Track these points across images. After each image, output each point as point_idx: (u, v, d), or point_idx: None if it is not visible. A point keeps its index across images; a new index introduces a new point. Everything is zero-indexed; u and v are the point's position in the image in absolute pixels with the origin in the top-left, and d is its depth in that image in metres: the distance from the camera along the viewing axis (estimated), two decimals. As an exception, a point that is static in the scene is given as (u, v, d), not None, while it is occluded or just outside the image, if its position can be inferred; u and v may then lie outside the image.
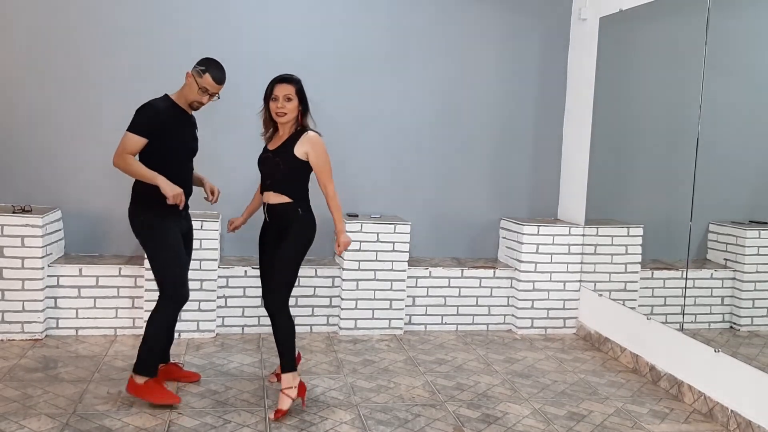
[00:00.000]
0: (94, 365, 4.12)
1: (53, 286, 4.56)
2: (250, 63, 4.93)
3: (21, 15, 4.78)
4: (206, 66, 3.51)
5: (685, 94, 4.15)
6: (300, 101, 3.54)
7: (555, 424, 3.58)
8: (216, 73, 3.51)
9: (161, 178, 3.41)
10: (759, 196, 4.05)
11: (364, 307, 4.95)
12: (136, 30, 4.88)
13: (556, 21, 5.47)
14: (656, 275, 4.47)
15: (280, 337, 3.54)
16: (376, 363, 4.39)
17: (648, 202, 4.76)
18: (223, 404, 3.64)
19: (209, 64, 3.52)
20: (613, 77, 4.97)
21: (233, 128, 4.98)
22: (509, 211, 5.52)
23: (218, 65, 3.54)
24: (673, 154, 4.39)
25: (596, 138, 5.09)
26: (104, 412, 3.47)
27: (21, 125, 4.83)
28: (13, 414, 3.40)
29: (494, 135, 5.47)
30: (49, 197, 4.86)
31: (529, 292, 5.15)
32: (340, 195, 5.18)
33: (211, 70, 3.50)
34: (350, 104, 5.18)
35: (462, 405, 3.77)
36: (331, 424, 3.46)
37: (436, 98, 5.35)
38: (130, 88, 4.76)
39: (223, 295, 4.79)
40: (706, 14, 3.90)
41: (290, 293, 3.62)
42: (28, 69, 4.81)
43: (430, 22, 5.29)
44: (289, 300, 3.60)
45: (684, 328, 4.06)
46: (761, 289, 4.04)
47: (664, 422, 3.67)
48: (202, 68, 3.50)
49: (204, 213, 4.81)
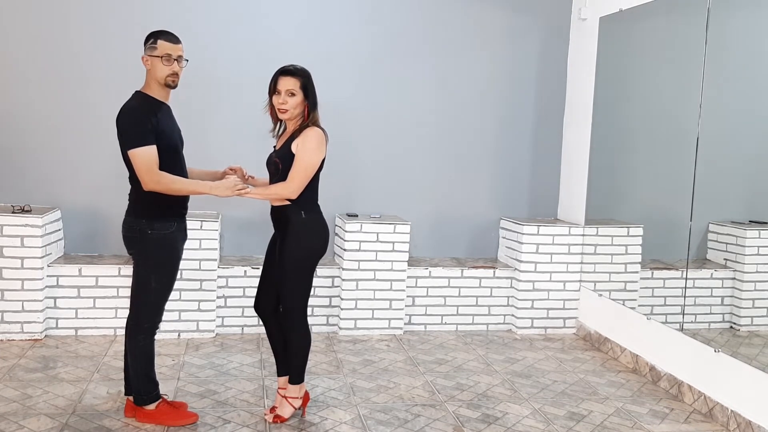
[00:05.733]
0: (93, 365, 4.12)
1: (53, 286, 4.56)
2: (251, 62, 4.94)
3: (21, 15, 4.78)
4: (154, 37, 3.25)
5: (685, 94, 4.15)
6: (306, 96, 3.26)
7: (555, 424, 3.58)
8: (166, 35, 3.25)
9: (204, 185, 3.24)
10: (759, 196, 4.05)
11: (364, 307, 4.95)
12: (137, 29, 4.86)
13: (556, 21, 5.47)
14: (656, 275, 4.47)
15: (294, 350, 3.39)
16: (375, 363, 4.39)
17: (648, 202, 4.75)
18: (223, 404, 3.64)
19: (154, 33, 3.26)
20: (613, 77, 4.97)
21: (235, 128, 4.99)
22: (509, 211, 5.52)
23: (163, 30, 3.28)
24: (673, 154, 4.39)
25: (596, 138, 5.09)
26: (104, 412, 3.46)
27: (21, 125, 4.83)
28: (13, 414, 3.39)
29: (494, 135, 5.47)
30: (49, 197, 4.86)
31: (529, 292, 5.15)
32: (340, 195, 5.20)
33: (160, 36, 3.24)
34: (350, 104, 5.17)
35: (462, 405, 3.77)
36: (331, 424, 3.46)
37: (435, 98, 5.35)
38: (131, 88, 4.73)
39: (222, 295, 4.79)
40: (706, 14, 3.90)
41: (303, 304, 3.36)
42: (27, 69, 4.81)
43: (430, 21, 5.29)
44: (303, 311, 3.37)
45: (684, 328, 4.06)
46: (761, 289, 4.04)
47: (664, 422, 3.67)
48: (151, 41, 3.24)
49: (204, 213, 4.81)
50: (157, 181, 3.16)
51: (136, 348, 3.32)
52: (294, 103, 3.25)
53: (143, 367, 3.34)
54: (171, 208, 3.30)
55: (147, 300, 3.32)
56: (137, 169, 3.17)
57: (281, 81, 3.26)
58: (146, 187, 3.17)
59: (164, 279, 3.33)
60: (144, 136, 3.15)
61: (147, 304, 3.32)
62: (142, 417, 3.37)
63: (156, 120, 3.21)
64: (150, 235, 3.25)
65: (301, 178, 3.24)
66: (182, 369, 4.12)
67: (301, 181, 3.24)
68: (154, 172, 3.15)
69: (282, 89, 3.24)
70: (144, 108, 3.21)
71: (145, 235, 3.25)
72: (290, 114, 3.27)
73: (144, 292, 3.30)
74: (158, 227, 3.26)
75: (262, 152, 3.52)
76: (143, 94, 3.29)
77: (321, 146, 3.28)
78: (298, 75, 3.26)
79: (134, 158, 3.16)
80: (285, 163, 3.26)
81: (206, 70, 4.77)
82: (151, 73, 3.26)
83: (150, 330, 3.34)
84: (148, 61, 3.25)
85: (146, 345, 3.34)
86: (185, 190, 3.28)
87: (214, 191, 3.24)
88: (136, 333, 3.31)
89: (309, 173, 3.26)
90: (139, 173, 3.16)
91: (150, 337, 3.35)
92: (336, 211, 5.15)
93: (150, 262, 3.30)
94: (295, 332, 3.37)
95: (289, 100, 3.24)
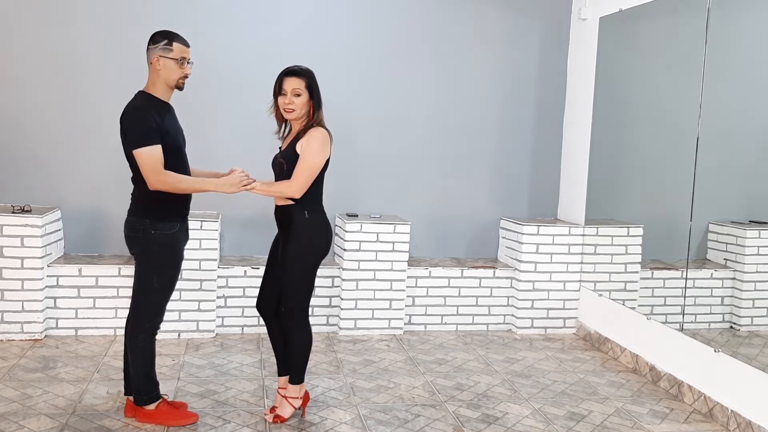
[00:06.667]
0: (93, 365, 4.12)
1: (53, 286, 4.55)
2: (252, 63, 4.94)
3: (21, 15, 4.78)
4: (167, 38, 3.22)
5: (684, 94, 4.15)
6: (311, 96, 3.28)
7: (555, 424, 3.58)
8: (179, 38, 3.24)
9: (209, 182, 3.25)
10: (759, 196, 4.05)
11: (364, 307, 4.95)
12: (137, 28, 4.87)
13: (556, 21, 5.47)
14: (656, 275, 4.47)
15: (295, 350, 3.40)
16: (375, 363, 4.39)
17: (648, 202, 4.76)
18: (223, 404, 3.64)
19: (166, 35, 3.23)
20: (613, 77, 4.97)
21: (238, 129, 4.99)
22: (509, 211, 5.52)
23: (173, 31, 3.26)
24: (673, 154, 4.39)
25: (596, 138, 5.09)
26: (104, 412, 3.46)
27: (21, 125, 4.83)
28: (13, 414, 3.39)
29: (494, 135, 5.47)
30: (49, 197, 4.86)
31: (529, 292, 5.15)
32: (340, 195, 5.20)
33: (174, 38, 3.22)
34: (350, 104, 5.17)
35: (462, 405, 3.77)
36: (331, 424, 3.46)
37: (435, 98, 5.35)
38: (131, 87, 4.73)
39: (222, 295, 4.79)
40: (706, 14, 3.90)
41: (305, 304, 3.38)
42: (27, 69, 4.81)
43: (430, 21, 5.29)
44: (305, 311, 3.39)
45: (684, 328, 4.06)
46: (761, 289, 4.05)
47: (664, 422, 3.67)
48: (165, 42, 3.21)
49: (204, 213, 4.81)
50: (162, 180, 3.16)
51: (137, 348, 3.32)
52: (300, 103, 3.26)
53: (143, 366, 3.34)
54: (174, 208, 3.30)
55: (148, 300, 3.31)
56: (142, 169, 3.16)
57: (287, 81, 3.27)
58: (151, 186, 3.17)
59: (166, 279, 3.33)
60: (149, 135, 3.14)
61: (148, 303, 3.32)
62: (142, 417, 3.36)
63: (161, 120, 3.20)
64: (153, 235, 3.25)
65: (305, 177, 3.24)
66: (182, 369, 4.12)
67: (305, 181, 3.24)
68: (159, 171, 3.15)
69: (288, 89, 3.26)
70: (149, 108, 3.20)
71: (148, 234, 3.24)
72: (296, 114, 3.27)
73: (146, 292, 3.30)
74: (161, 227, 3.25)
75: (266, 153, 3.53)
76: (147, 94, 3.28)
77: (325, 146, 3.30)
78: (303, 75, 3.28)
79: (139, 158, 3.15)
80: (290, 164, 3.27)
81: (208, 70, 4.76)
82: (160, 74, 3.24)
83: (151, 330, 3.34)
84: (159, 62, 3.22)
85: (147, 345, 3.33)
86: (191, 189, 3.28)
87: (220, 188, 3.24)
88: (137, 333, 3.31)
89: (312, 173, 3.26)
90: (145, 173, 3.16)
91: (151, 337, 3.35)
92: (336, 211, 5.15)
93: (152, 262, 3.29)
94: (296, 332, 3.38)
95: (296, 100, 3.25)
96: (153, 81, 3.27)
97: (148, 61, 3.27)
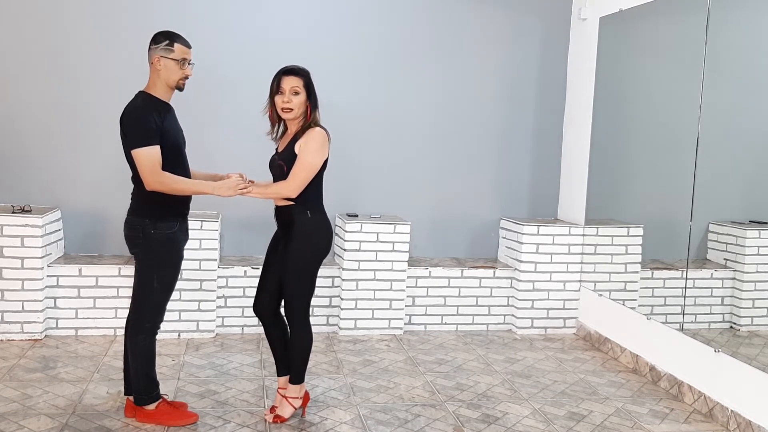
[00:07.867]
0: (93, 365, 4.12)
1: (53, 286, 4.55)
2: (253, 64, 4.94)
3: (21, 15, 4.78)
4: (168, 38, 3.22)
5: (685, 94, 4.15)
6: (308, 95, 3.28)
7: (555, 424, 3.58)
8: (180, 38, 3.24)
9: (206, 185, 3.25)
10: (759, 196, 4.05)
11: (364, 307, 4.95)
12: (136, 28, 4.87)
13: (556, 21, 5.47)
14: (656, 275, 4.47)
15: (295, 350, 3.40)
16: (376, 363, 4.39)
17: (648, 202, 4.76)
18: (223, 404, 3.64)
19: (168, 35, 3.23)
20: (613, 77, 4.97)
21: (236, 130, 4.99)
22: (509, 211, 5.52)
23: (174, 32, 3.26)
24: (673, 154, 4.39)
25: (596, 138, 5.09)
26: (104, 412, 3.46)
27: (21, 126, 4.83)
28: (13, 414, 3.39)
29: (494, 135, 5.47)
30: (49, 197, 4.86)
31: (529, 292, 5.15)
32: (340, 195, 5.20)
33: (176, 39, 3.23)
34: (350, 104, 5.17)
35: (462, 405, 3.77)
36: (331, 424, 3.46)
37: (435, 98, 5.35)
38: (131, 87, 4.73)
39: (222, 295, 4.79)
40: (706, 14, 3.90)
41: (306, 304, 3.38)
42: (27, 69, 4.81)
43: (430, 22, 5.29)
44: (306, 312, 3.38)
45: (684, 328, 4.06)
46: (761, 289, 4.04)
47: (664, 422, 3.67)
48: (166, 43, 3.21)
49: (204, 213, 4.81)
50: (159, 181, 3.16)
51: (137, 348, 3.32)
52: (298, 102, 3.26)
53: (144, 366, 3.34)
54: (174, 208, 3.30)
55: (149, 300, 3.31)
56: (140, 169, 3.17)
57: (285, 80, 3.27)
58: (149, 187, 3.17)
59: (166, 279, 3.33)
60: (148, 136, 3.14)
61: (149, 303, 3.32)
62: (142, 417, 3.36)
63: (161, 120, 3.20)
64: (153, 235, 3.25)
65: (302, 177, 3.24)
66: (182, 369, 4.12)
67: (302, 181, 3.24)
68: (156, 172, 3.15)
69: (286, 88, 3.25)
70: (149, 108, 3.20)
71: (148, 234, 3.25)
72: (294, 113, 3.27)
73: (146, 292, 3.30)
74: (161, 227, 3.25)
75: (266, 154, 3.52)
76: (147, 94, 3.28)
77: (324, 146, 3.30)
78: (301, 74, 3.29)
79: (137, 158, 3.16)
80: (290, 165, 3.27)
81: (209, 72, 4.76)
82: (160, 74, 3.24)
83: (151, 330, 3.34)
84: (160, 62, 3.22)
85: (147, 345, 3.33)
86: (188, 191, 3.28)
87: (216, 191, 3.25)
88: (137, 333, 3.31)
89: (310, 173, 3.27)
90: (142, 173, 3.16)
91: (151, 337, 3.35)
92: (336, 211, 5.14)
93: (152, 262, 3.29)
94: (297, 332, 3.38)
95: (294, 99, 3.25)
96: (153, 81, 3.28)
97: (149, 60, 3.27)
